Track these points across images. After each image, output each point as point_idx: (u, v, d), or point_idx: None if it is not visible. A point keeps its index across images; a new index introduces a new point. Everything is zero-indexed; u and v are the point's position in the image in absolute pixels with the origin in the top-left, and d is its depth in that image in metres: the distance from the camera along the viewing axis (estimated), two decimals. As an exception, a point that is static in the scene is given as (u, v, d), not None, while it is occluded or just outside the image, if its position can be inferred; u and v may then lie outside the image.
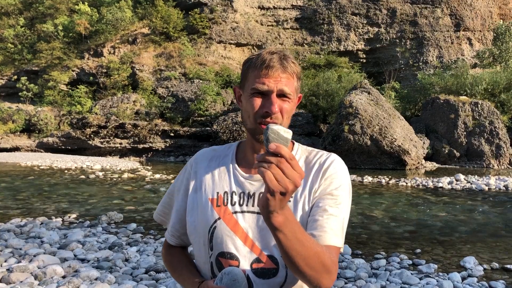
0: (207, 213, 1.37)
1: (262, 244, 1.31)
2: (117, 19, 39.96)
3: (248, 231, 1.33)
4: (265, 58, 1.31)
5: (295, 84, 1.35)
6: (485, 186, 14.78)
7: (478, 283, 5.10)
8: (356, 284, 4.95)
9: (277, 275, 1.31)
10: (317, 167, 1.37)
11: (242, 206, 1.35)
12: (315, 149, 1.46)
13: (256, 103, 1.31)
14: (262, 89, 1.29)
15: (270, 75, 1.29)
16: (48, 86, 37.53)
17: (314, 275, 1.14)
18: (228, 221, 1.34)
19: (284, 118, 1.32)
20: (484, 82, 29.49)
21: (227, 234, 1.33)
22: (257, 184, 1.37)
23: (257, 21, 42.58)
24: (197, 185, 1.44)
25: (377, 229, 8.30)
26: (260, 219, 1.32)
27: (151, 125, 33.36)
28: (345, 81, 32.61)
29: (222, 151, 1.51)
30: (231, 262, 1.32)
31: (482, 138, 26.18)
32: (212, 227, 1.35)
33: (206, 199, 1.39)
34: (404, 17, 40.69)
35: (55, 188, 13.66)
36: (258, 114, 1.30)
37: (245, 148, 1.46)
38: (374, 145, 23.07)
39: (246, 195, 1.36)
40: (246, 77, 1.36)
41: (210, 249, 1.36)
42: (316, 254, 1.13)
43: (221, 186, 1.40)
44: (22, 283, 4.51)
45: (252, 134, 1.35)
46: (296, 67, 1.35)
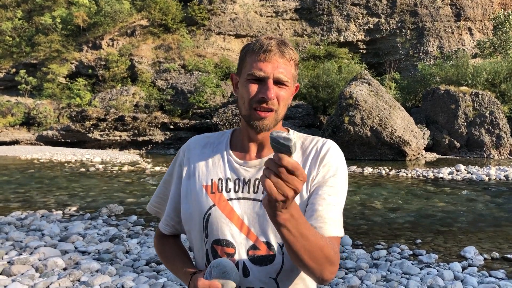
0: (202, 200, 1.35)
1: (258, 231, 1.30)
2: (116, 11, 39.75)
3: (244, 217, 1.32)
4: (263, 43, 1.29)
5: (292, 71, 1.33)
6: (485, 177, 14.78)
7: (479, 273, 5.11)
8: (357, 274, 4.95)
9: (274, 262, 1.30)
10: (314, 154, 1.36)
11: (238, 193, 1.34)
12: (310, 136, 1.44)
13: (252, 88, 1.29)
14: (259, 75, 1.27)
15: (268, 59, 1.27)
16: (47, 79, 37.43)
17: (318, 267, 1.16)
18: (223, 208, 1.33)
19: (280, 106, 1.31)
20: (485, 72, 29.41)
21: (222, 221, 1.32)
22: (253, 170, 1.36)
23: (256, 12, 42.37)
24: (190, 172, 1.43)
25: (377, 219, 8.31)
26: (256, 206, 1.31)
27: (150, 118, 33.32)
28: (345, 72, 32.52)
29: (215, 138, 1.49)
30: (226, 249, 1.30)
31: (483, 129, 26.16)
32: (206, 214, 1.34)
33: (200, 186, 1.38)
34: (404, 7, 40.49)
35: (55, 181, 13.66)
36: (254, 99, 1.29)
37: (239, 135, 1.44)
38: (374, 136, 23.05)
39: (242, 181, 1.35)
40: (244, 63, 1.33)
41: (205, 236, 1.35)
42: (320, 247, 1.14)
43: (215, 172, 1.39)
44: (23, 275, 4.52)
45: (247, 121, 1.33)
46: (295, 54, 1.33)
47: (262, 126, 1.31)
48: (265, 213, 1.28)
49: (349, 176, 15.63)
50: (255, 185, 1.34)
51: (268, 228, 1.30)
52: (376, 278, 4.83)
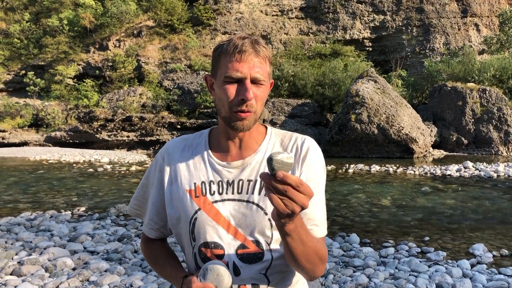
0: (187, 205, 1.36)
1: (246, 230, 1.32)
2: (122, 12, 39.86)
3: (230, 219, 1.33)
4: (237, 43, 1.28)
5: (267, 69, 1.34)
6: (493, 173, 14.68)
7: (488, 270, 5.09)
8: (365, 272, 4.95)
9: (263, 259, 1.33)
10: (295, 152, 1.39)
11: (222, 195, 1.35)
12: (288, 132, 1.46)
13: (230, 91, 1.29)
14: (236, 76, 1.27)
15: (243, 59, 1.27)
16: (54, 81, 37.64)
17: (312, 268, 1.26)
18: (209, 211, 1.34)
19: (258, 105, 1.32)
20: (493, 69, 29.17)
21: (209, 224, 1.33)
22: (235, 171, 1.37)
23: (261, 11, 42.32)
24: (172, 177, 1.42)
25: (385, 217, 8.29)
26: (242, 206, 1.33)
27: (157, 118, 33.41)
28: (351, 70, 32.39)
29: (193, 139, 1.49)
30: (215, 251, 1.32)
31: (491, 125, 25.98)
32: (192, 218, 1.35)
33: (183, 191, 1.37)
34: (410, 4, 40.25)
35: (64, 182, 13.76)
36: (234, 102, 1.28)
37: (218, 136, 1.43)
38: (381, 134, 22.97)
39: (225, 183, 1.36)
40: (218, 64, 1.32)
41: (192, 240, 1.36)
42: (315, 250, 1.24)
43: (197, 176, 1.39)
44: (33, 275, 4.56)
45: (228, 123, 1.33)
46: (268, 52, 1.33)
47: (243, 126, 1.31)
48: (252, 212, 1.32)
49: (357, 174, 15.62)
50: (239, 186, 1.35)
51: (255, 227, 1.32)
52: (384, 276, 4.82)
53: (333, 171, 16.62)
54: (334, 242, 6.28)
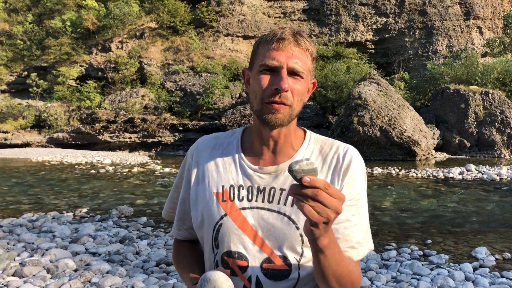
0: (212, 209, 1.25)
1: (274, 244, 1.22)
2: (124, 13, 39.99)
3: (258, 229, 1.22)
4: (277, 32, 1.19)
5: (309, 64, 1.22)
6: (496, 176, 14.64)
7: (490, 273, 5.06)
8: (367, 275, 4.93)
9: (289, 277, 1.22)
10: (336, 163, 1.26)
11: (251, 202, 1.24)
12: (329, 139, 1.34)
13: (264, 80, 1.17)
14: (271, 65, 1.16)
15: (282, 48, 1.17)
16: (57, 82, 37.76)
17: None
18: (236, 218, 1.23)
19: (295, 100, 1.19)
20: (496, 71, 29.12)
21: (234, 232, 1.22)
22: (268, 178, 1.25)
23: (264, 13, 42.40)
24: (199, 177, 1.32)
25: (387, 220, 8.27)
26: (272, 216, 1.22)
27: (160, 119, 33.46)
28: (353, 72, 32.40)
29: (225, 138, 1.37)
30: (239, 262, 1.22)
31: (493, 128, 25.93)
32: (217, 224, 1.24)
33: (210, 193, 1.27)
34: (412, 7, 40.26)
35: (66, 183, 13.77)
36: (267, 92, 1.17)
37: (251, 136, 1.32)
38: (383, 136, 22.94)
39: (256, 189, 1.25)
40: (256, 55, 1.22)
41: (215, 247, 1.26)
42: (349, 273, 1.14)
43: (226, 178, 1.28)
44: (34, 276, 4.56)
45: (259, 115, 1.20)
46: (311, 46, 1.22)
47: (276, 120, 1.18)
48: (282, 224, 1.21)
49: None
50: (271, 194, 1.24)
51: (284, 241, 1.21)
52: (386, 279, 4.80)
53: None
54: (336, 245, 6.25)
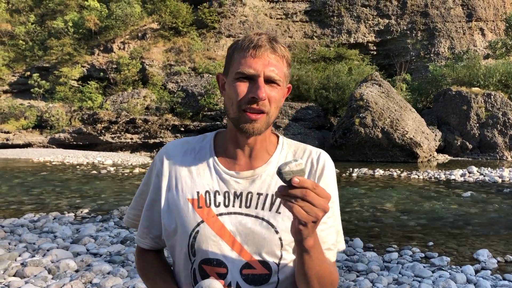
0: (187, 216, 1.22)
1: (253, 249, 1.21)
2: (126, 14, 40.05)
3: (236, 235, 1.21)
4: (252, 38, 1.18)
5: (284, 70, 1.22)
6: (498, 178, 14.61)
7: (492, 276, 5.05)
8: (368, 277, 4.92)
9: (269, 281, 1.22)
10: (310, 167, 1.30)
11: (228, 207, 1.22)
12: (301, 144, 1.37)
13: (241, 88, 1.16)
14: (248, 73, 1.15)
15: (258, 55, 1.16)
16: (59, 82, 37.82)
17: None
18: (213, 224, 1.21)
19: (272, 107, 1.19)
20: (498, 73, 29.08)
21: (212, 239, 1.20)
22: (244, 183, 1.24)
23: (266, 14, 42.41)
24: (171, 183, 1.28)
25: (389, 222, 8.26)
26: (250, 221, 1.21)
27: (161, 120, 33.48)
28: (355, 74, 32.38)
29: (196, 143, 1.34)
30: (218, 269, 1.20)
31: (495, 130, 25.88)
32: (194, 231, 1.21)
33: (184, 200, 1.24)
34: (415, 8, 40.24)
35: (67, 184, 13.78)
36: (243, 100, 1.16)
37: (225, 141, 1.30)
38: (385, 138, 22.92)
39: (232, 194, 1.23)
40: (231, 61, 1.21)
41: (192, 255, 1.23)
42: (329, 273, 1.17)
43: (201, 184, 1.25)
44: (36, 277, 4.56)
45: (236, 124, 1.20)
46: (287, 52, 1.22)
47: (253, 129, 1.18)
48: (261, 229, 1.21)
49: (361, 178, 15.58)
50: (248, 199, 1.23)
51: (264, 246, 1.21)
52: (388, 281, 4.79)
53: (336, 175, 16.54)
54: (337, 246, 6.24)
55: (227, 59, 1.24)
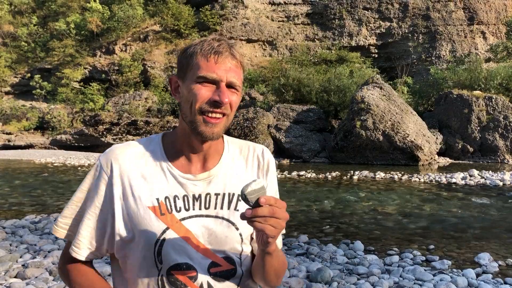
0: (151, 225, 1.20)
1: (216, 248, 1.25)
2: (128, 16, 40.14)
3: (199, 236, 1.24)
4: (213, 44, 1.22)
5: (242, 76, 1.27)
6: (499, 182, 14.59)
7: (493, 280, 5.04)
8: (369, 280, 4.92)
9: (236, 275, 1.29)
10: (258, 162, 1.38)
11: (189, 211, 1.24)
12: (241, 140, 1.43)
13: (202, 91, 1.19)
14: (211, 77, 1.18)
15: (220, 62, 1.20)
16: (61, 84, 37.90)
17: (277, 281, 1.30)
18: (178, 230, 1.22)
19: (232, 111, 1.24)
20: (499, 77, 29.07)
21: (179, 244, 1.21)
22: (202, 185, 1.27)
23: (267, 17, 42.46)
24: (125, 191, 1.23)
25: (389, 225, 8.25)
26: (210, 222, 1.25)
27: (163, 122, 33.51)
28: (356, 77, 32.37)
29: (144, 146, 1.31)
30: (188, 272, 1.22)
31: (497, 133, 25.85)
32: (160, 239, 1.21)
33: (144, 208, 1.22)
34: (416, 11, 40.25)
35: (69, 185, 13.80)
36: (205, 103, 1.19)
37: (176, 144, 1.30)
38: (386, 141, 22.91)
39: (191, 197, 1.25)
40: (189, 64, 1.21)
41: (158, 262, 1.22)
42: (283, 264, 1.30)
43: (158, 190, 1.24)
44: (37, 278, 4.57)
45: (193, 128, 1.21)
46: (242, 57, 1.28)
47: (212, 134, 1.21)
48: (222, 228, 1.26)
49: (361, 181, 15.58)
50: (207, 200, 1.26)
51: (227, 243, 1.26)
52: (389, 284, 4.79)
53: (337, 178, 16.57)
54: (338, 249, 6.25)
55: (183, 61, 1.24)
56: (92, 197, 1.26)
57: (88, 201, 1.27)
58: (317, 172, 18.08)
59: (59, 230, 1.30)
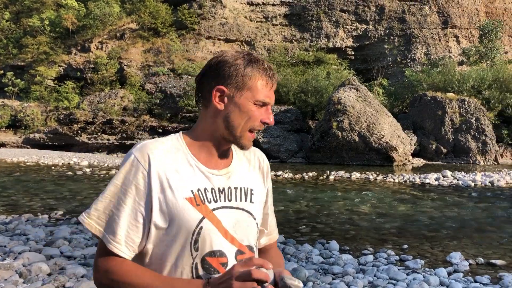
0: (190, 214, 1.29)
1: (240, 236, 1.37)
2: (105, 14, 39.53)
3: (227, 226, 1.35)
4: (265, 65, 1.37)
5: None
6: (471, 182, 14.93)
7: (464, 278, 5.15)
8: (344, 280, 4.96)
9: None
10: (259, 165, 1.54)
11: (217, 202, 1.35)
12: None
13: (257, 113, 1.37)
14: (267, 102, 1.37)
15: (273, 87, 1.39)
16: (34, 82, 37.05)
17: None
18: (212, 219, 1.32)
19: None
20: (471, 79, 29.77)
21: (213, 233, 1.32)
22: (224, 179, 1.40)
23: (246, 17, 42.45)
24: (162, 183, 1.29)
25: (364, 225, 8.35)
26: (235, 213, 1.38)
27: (139, 121, 33.15)
28: (333, 78, 32.69)
29: (171, 143, 1.38)
30: (221, 259, 1.32)
31: (469, 135, 26.46)
32: (197, 228, 1.29)
33: (182, 199, 1.29)
34: (392, 14, 40.86)
35: (42, 185, 13.51)
36: (257, 123, 1.38)
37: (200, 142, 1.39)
38: (362, 142, 23.19)
39: (217, 190, 1.37)
40: (246, 84, 1.35)
41: (194, 250, 1.30)
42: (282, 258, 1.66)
43: (192, 183, 1.33)
44: (6, 281, 4.45)
45: (237, 139, 1.38)
46: None
47: (250, 146, 1.42)
48: (244, 218, 1.40)
49: (337, 181, 15.72)
50: (229, 193, 1.39)
51: (249, 233, 1.41)
52: (363, 284, 4.84)
53: (314, 178, 16.69)
54: (314, 249, 6.28)
55: (236, 74, 1.34)
56: (128, 191, 1.30)
57: (123, 195, 1.30)
58: (294, 172, 18.17)
59: (91, 223, 1.30)
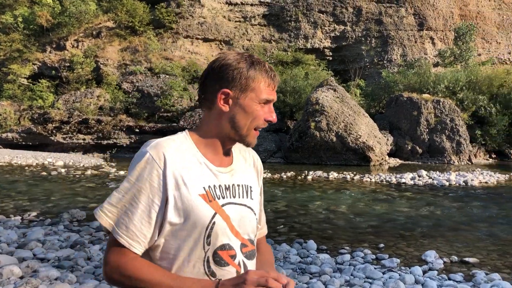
0: (203, 210, 1.36)
1: (244, 231, 1.46)
2: (81, 11, 38.85)
3: (233, 221, 1.43)
4: (267, 67, 1.46)
5: None
6: (446, 182, 15.22)
7: (438, 276, 5.24)
8: (321, 279, 4.99)
9: (255, 255, 1.52)
10: (253, 163, 1.62)
11: (225, 199, 1.42)
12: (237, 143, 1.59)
13: (261, 113, 1.45)
14: (270, 99, 1.45)
15: (275, 85, 1.47)
16: (7, 80, 36.17)
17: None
18: (222, 214, 1.40)
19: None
20: (446, 81, 30.34)
21: (224, 227, 1.40)
22: (228, 176, 1.47)
23: (224, 16, 42.34)
24: (177, 181, 1.34)
25: (342, 224, 8.42)
26: (239, 209, 1.45)
27: (115, 121, 32.70)
28: (311, 78, 32.88)
29: (180, 141, 1.42)
30: (230, 252, 1.41)
31: (444, 135, 26.96)
32: (211, 223, 1.37)
33: (196, 196, 1.36)
34: (369, 16, 41.33)
35: (15, 185, 13.21)
36: (261, 121, 1.46)
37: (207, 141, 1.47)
38: (339, 142, 23.39)
39: (224, 187, 1.44)
40: (249, 86, 1.42)
41: (206, 244, 1.38)
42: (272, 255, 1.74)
43: (203, 180, 1.40)
44: (-24, 284, 4.33)
45: (243, 137, 1.46)
46: None
47: (255, 143, 1.49)
48: (247, 214, 1.48)
49: (315, 181, 15.81)
50: (233, 189, 1.46)
51: (251, 227, 1.50)
52: (340, 283, 4.87)
53: (292, 178, 16.75)
54: (291, 249, 6.30)
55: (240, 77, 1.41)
56: (143, 187, 1.34)
57: (137, 191, 1.34)
58: (272, 172, 18.21)
59: (104, 218, 1.35)
